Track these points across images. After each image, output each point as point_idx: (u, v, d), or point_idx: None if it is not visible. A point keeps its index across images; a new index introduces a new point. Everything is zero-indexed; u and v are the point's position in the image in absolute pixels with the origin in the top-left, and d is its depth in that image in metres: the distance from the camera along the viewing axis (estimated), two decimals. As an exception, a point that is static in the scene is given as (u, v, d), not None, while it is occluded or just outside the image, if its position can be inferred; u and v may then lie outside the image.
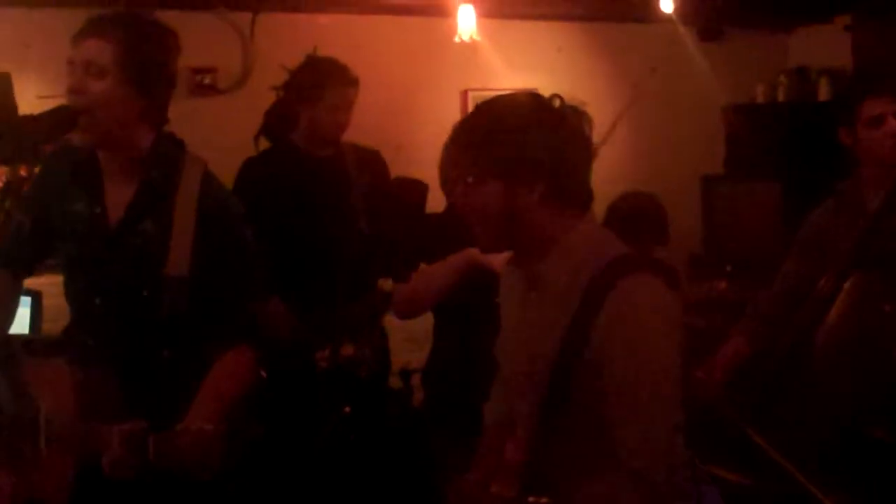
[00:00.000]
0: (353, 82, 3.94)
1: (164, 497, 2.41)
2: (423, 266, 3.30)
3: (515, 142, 2.16)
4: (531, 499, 2.19)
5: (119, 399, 2.40)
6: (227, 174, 3.94)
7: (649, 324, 2.13)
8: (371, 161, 4.12)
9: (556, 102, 2.27)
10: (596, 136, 2.31)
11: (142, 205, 2.52)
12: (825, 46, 6.51)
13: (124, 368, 2.46)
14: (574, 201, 2.24)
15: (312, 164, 3.94)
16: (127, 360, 2.49)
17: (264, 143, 4.06)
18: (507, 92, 2.39)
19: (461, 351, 3.17)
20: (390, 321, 3.96)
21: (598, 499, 2.12)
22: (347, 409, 3.69)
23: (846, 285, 3.00)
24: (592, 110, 2.34)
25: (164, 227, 2.50)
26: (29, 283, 3.28)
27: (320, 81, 3.89)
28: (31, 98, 4.22)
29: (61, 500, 2.32)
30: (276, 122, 4.01)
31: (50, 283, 3.62)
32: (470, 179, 2.18)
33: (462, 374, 3.06)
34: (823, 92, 6.41)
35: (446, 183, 2.28)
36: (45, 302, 3.99)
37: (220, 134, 4.67)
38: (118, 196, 2.54)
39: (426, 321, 3.62)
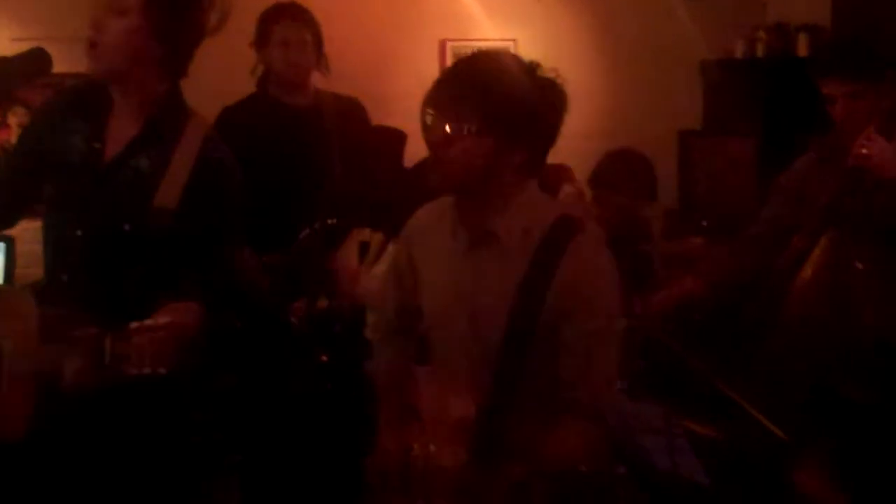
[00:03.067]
0: (304, 20, 3.91)
1: (122, 424, 2.45)
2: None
3: (515, 106, 2.21)
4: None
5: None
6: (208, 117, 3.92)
7: (602, 280, 2.27)
8: (350, 109, 4.10)
9: (540, 72, 2.30)
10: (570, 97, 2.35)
11: (141, 143, 2.52)
12: (804, 2, 6.48)
13: (93, 303, 2.44)
14: (536, 167, 2.32)
15: (287, 112, 3.92)
16: (96, 295, 2.48)
17: None
18: (486, 43, 2.41)
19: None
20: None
21: (561, 441, 2.19)
22: (324, 357, 3.70)
23: (820, 241, 3.02)
24: (570, 62, 2.39)
25: (157, 167, 2.50)
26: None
27: (269, 20, 3.88)
28: (5, 40, 4.17)
29: (18, 435, 2.31)
30: (261, 76, 4.00)
31: (24, 230, 3.60)
32: (472, 128, 2.21)
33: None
34: (802, 48, 6.39)
35: (433, 123, 2.28)
36: (19, 248, 3.96)
37: (200, 78, 4.61)
38: (120, 134, 2.54)
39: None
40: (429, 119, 2.30)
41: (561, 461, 2.17)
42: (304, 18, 3.91)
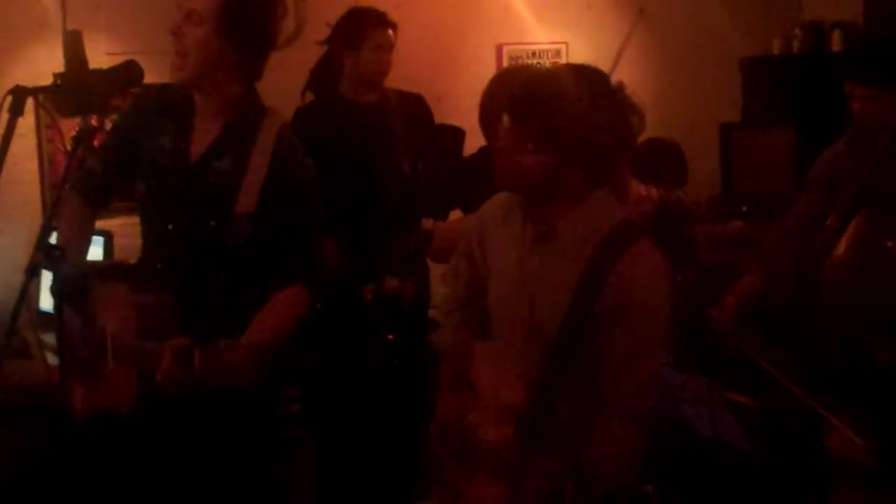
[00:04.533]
0: (391, 24, 3.95)
1: (215, 413, 2.48)
2: (455, 218, 3.32)
3: (574, 131, 2.15)
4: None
5: (176, 321, 2.43)
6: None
7: (657, 286, 2.21)
8: (415, 105, 4.12)
9: (611, 90, 2.24)
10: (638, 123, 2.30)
11: (222, 145, 2.56)
12: (838, 0, 6.39)
13: (186, 294, 2.50)
14: (606, 174, 2.28)
15: (358, 110, 3.96)
16: (189, 285, 2.53)
17: (310, 98, 4.07)
18: (539, 47, 2.39)
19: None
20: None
21: (600, 442, 2.17)
22: (391, 336, 3.74)
23: (853, 222, 2.99)
24: (621, 64, 2.33)
25: (237, 168, 2.53)
26: (101, 224, 3.33)
27: (362, 26, 3.90)
28: (101, 55, 4.24)
29: (127, 409, 2.37)
30: (322, 75, 4.03)
31: (121, 224, 3.69)
32: (531, 146, 2.18)
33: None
34: (836, 44, 6.31)
35: (489, 127, 2.29)
36: (116, 242, 4.05)
37: (276, 88, 4.67)
38: (204, 135, 2.58)
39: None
40: (492, 124, 2.30)
41: (597, 464, 2.16)
42: (391, 23, 3.95)
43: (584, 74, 2.25)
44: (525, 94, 2.23)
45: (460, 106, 4.34)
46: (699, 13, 6.30)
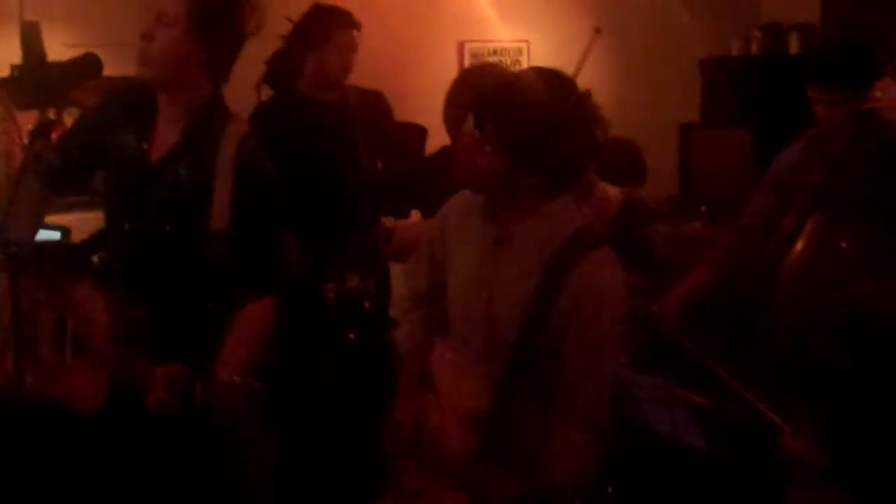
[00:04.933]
0: (356, 25, 3.92)
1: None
2: (413, 219, 3.32)
3: (534, 134, 2.14)
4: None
5: (146, 333, 2.41)
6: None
7: (613, 294, 2.21)
8: (374, 102, 4.10)
9: (579, 94, 2.23)
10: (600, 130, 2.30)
11: (183, 150, 2.55)
12: (796, 3, 6.45)
13: (148, 300, 2.48)
14: (569, 181, 2.28)
15: (318, 107, 3.93)
16: (150, 291, 2.51)
17: (266, 92, 4.03)
18: (501, 44, 2.39)
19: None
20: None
21: (560, 454, 2.17)
22: (352, 336, 3.73)
23: (808, 223, 3.02)
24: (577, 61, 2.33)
25: (196, 175, 2.52)
26: (59, 219, 3.29)
27: (327, 24, 3.86)
28: (59, 46, 4.18)
29: (92, 409, 2.34)
30: (282, 70, 3.98)
31: (79, 220, 3.64)
32: (488, 148, 2.17)
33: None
34: (794, 46, 6.37)
35: (453, 124, 2.28)
36: (74, 237, 4.00)
37: (233, 81, 4.64)
38: (166, 137, 2.57)
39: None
40: (456, 118, 2.30)
41: (556, 474, 2.16)
42: (356, 23, 3.91)
43: (551, 81, 2.23)
44: (489, 97, 2.23)
45: (421, 104, 4.33)
46: (659, 14, 6.34)
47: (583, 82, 2.32)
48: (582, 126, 2.21)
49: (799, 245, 3.02)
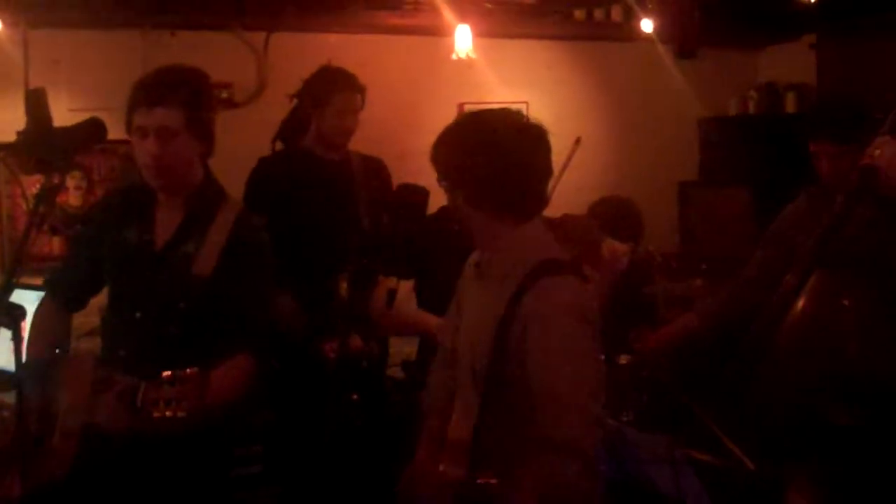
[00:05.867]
0: (359, 88, 3.96)
1: (163, 459, 2.45)
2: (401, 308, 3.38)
3: (475, 160, 2.24)
4: (480, 480, 2.20)
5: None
6: (243, 180, 3.96)
7: (560, 319, 2.19)
8: (375, 169, 4.14)
9: (515, 120, 2.33)
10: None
11: (185, 231, 2.62)
12: (792, 63, 6.52)
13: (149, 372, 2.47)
14: (523, 211, 2.31)
15: (322, 164, 3.96)
16: (154, 365, 2.50)
17: (280, 148, 4.09)
18: (500, 105, 2.42)
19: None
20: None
21: (538, 477, 2.13)
22: (355, 396, 3.70)
23: (810, 280, 3.02)
24: (578, 122, 2.38)
25: (201, 247, 2.59)
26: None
27: (329, 87, 3.92)
28: (63, 111, 4.23)
29: (63, 476, 2.32)
30: (291, 128, 4.05)
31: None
32: (444, 184, 2.31)
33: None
34: (790, 105, 6.44)
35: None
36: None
37: (237, 143, 4.67)
38: (167, 224, 2.65)
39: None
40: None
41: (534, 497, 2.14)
42: (358, 86, 3.96)
43: (498, 115, 2.35)
44: (438, 139, 2.35)
45: (422, 164, 4.34)
46: (658, 75, 6.40)
47: (583, 143, 2.35)
48: (530, 155, 2.28)
49: (801, 302, 3.02)
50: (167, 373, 2.22)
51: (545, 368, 2.16)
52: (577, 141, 2.53)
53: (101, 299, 2.78)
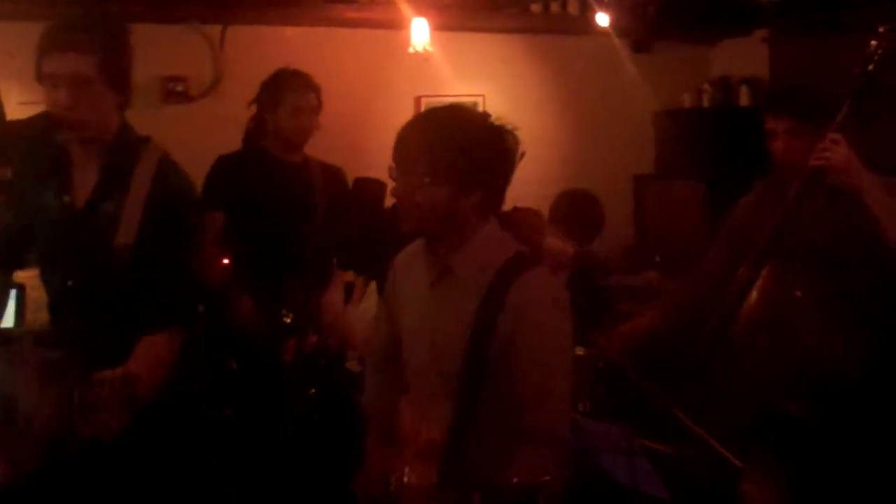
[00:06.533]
0: (312, 87, 3.94)
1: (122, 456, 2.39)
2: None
3: (465, 155, 2.21)
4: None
5: (78, 375, 2.36)
6: (198, 173, 3.92)
7: (549, 311, 2.23)
8: (334, 176, 4.12)
9: (488, 119, 2.32)
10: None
11: (103, 190, 2.51)
12: (745, 57, 6.58)
13: (91, 346, 2.42)
14: (495, 207, 2.33)
15: (279, 165, 3.94)
16: (99, 335, 2.46)
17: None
18: (457, 99, 2.42)
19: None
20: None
21: (522, 471, 2.14)
22: (312, 391, 3.70)
23: (763, 272, 3.04)
24: (533, 115, 2.38)
25: (120, 206, 2.47)
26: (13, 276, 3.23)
27: (280, 88, 3.90)
28: (14, 104, 4.16)
29: (24, 475, 2.29)
30: (252, 132, 4.02)
31: (33, 276, 3.59)
32: (427, 180, 2.22)
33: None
34: (744, 99, 6.50)
35: (395, 176, 2.31)
36: (29, 294, 3.94)
37: (192, 137, 4.64)
38: (84, 182, 2.52)
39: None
40: (392, 173, 2.32)
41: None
42: (312, 86, 3.93)
43: (460, 109, 2.34)
44: (412, 132, 2.30)
45: (379, 158, 4.32)
46: (614, 69, 6.43)
47: (538, 136, 2.35)
48: (498, 141, 2.28)
49: (754, 294, 3.04)
50: (98, 375, 2.18)
51: (536, 361, 2.18)
52: (522, 155, 2.54)
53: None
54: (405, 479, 2.16)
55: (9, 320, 3.68)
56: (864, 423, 2.92)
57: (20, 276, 3.79)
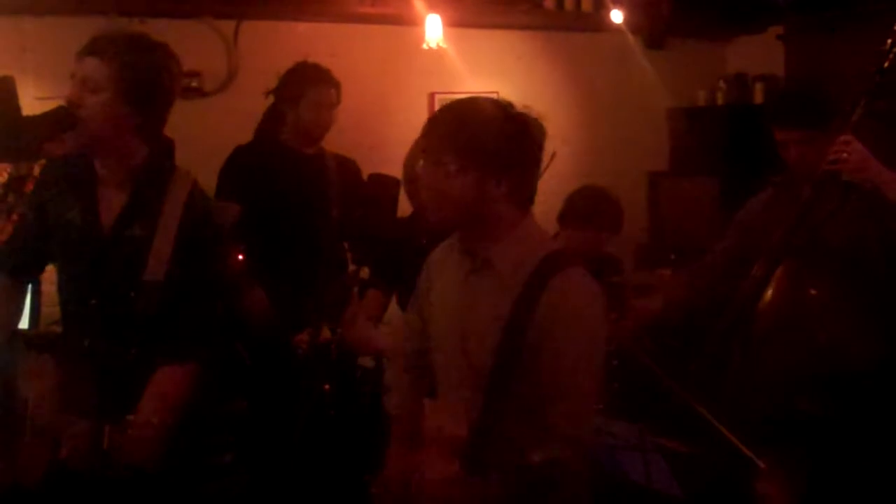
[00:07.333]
0: (333, 83, 3.96)
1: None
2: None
3: (492, 140, 2.20)
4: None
5: (93, 395, 2.38)
6: (212, 169, 3.94)
7: (585, 311, 2.21)
8: (348, 169, 4.13)
9: (514, 109, 2.29)
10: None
11: (132, 212, 2.52)
12: (760, 54, 6.56)
13: (103, 366, 2.45)
14: (525, 198, 2.30)
15: (295, 156, 3.96)
16: (108, 358, 2.47)
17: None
18: (470, 94, 2.41)
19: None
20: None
21: (542, 468, 2.14)
22: (326, 386, 3.70)
23: (778, 271, 3.04)
24: (548, 111, 2.36)
25: (150, 232, 2.50)
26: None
27: (303, 82, 3.91)
28: (30, 99, 4.18)
29: (37, 483, 2.30)
30: (268, 123, 4.03)
31: (49, 270, 3.62)
32: (452, 168, 2.20)
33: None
34: (759, 96, 6.47)
35: (412, 177, 2.31)
36: (45, 288, 3.96)
37: (206, 132, 4.66)
38: (110, 204, 2.54)
39: (395, 307, 3.64)
40: (418, 167, 2.31)
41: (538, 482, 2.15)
42: (333, 81, 3.96)
43: (487, 100, 2.32)
44: (437, 121, 2.30)
45: (393, 154, 4.34)
46: (628, 66, 6.42)
47: (552, 133, 2.34)
48: (526, 131, 2.26)
49: (769, 292, 3.04)
50: (131, 416, 2.23)
51: (565, 361, 2.17)
52: (553, 155, 2.53)
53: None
54: (426, 475, 2.17)
55: (26, 313, 3.71)
56: (879, 419, 2.92)
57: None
